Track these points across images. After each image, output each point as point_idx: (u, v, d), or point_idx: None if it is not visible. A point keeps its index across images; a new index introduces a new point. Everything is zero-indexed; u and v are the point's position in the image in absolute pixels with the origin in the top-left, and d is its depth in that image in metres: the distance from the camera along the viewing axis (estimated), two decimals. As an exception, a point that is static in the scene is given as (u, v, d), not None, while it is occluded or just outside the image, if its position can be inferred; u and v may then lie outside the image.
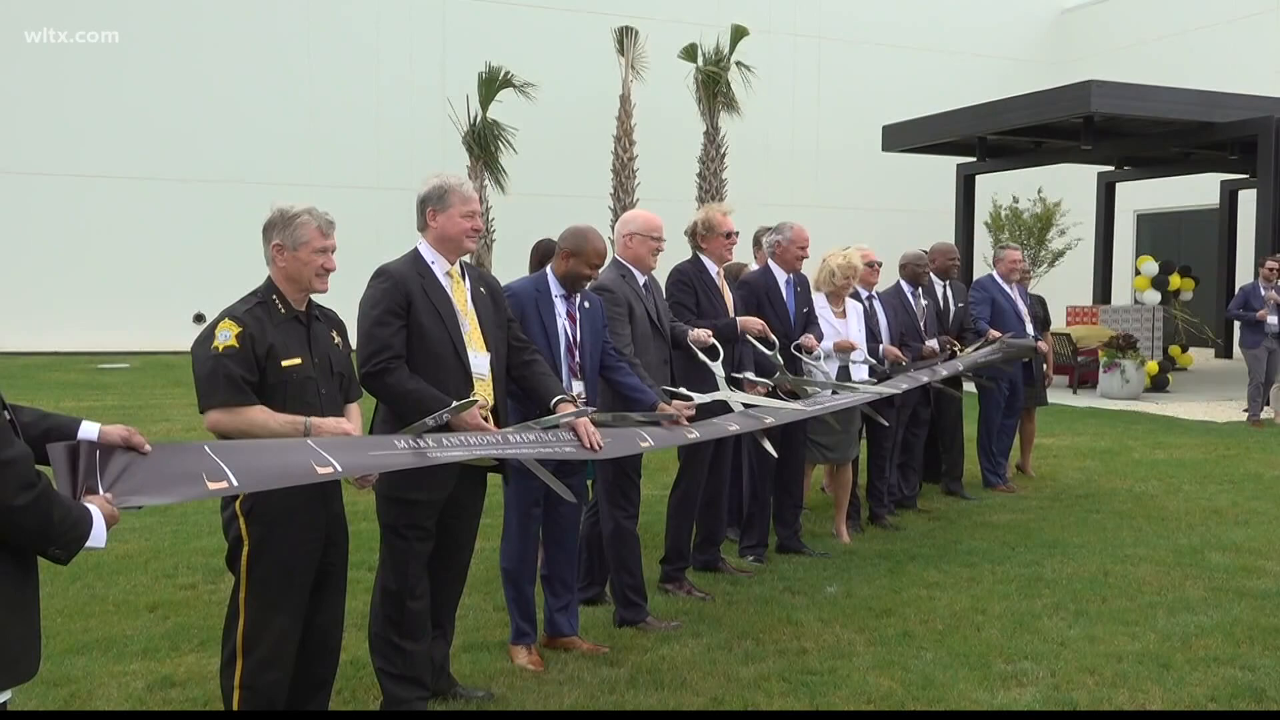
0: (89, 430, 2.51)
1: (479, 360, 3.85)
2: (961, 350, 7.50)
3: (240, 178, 21.32)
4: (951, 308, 7.77)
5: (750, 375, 5.38)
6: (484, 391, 3.84)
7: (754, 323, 5.56)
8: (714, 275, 5.61)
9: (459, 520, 3.94)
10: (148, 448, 2.62)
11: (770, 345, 5.48)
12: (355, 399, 3.59)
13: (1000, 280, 8.20)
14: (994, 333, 7.77)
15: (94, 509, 2.31)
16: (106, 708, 3.92)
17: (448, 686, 4.05)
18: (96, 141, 20.79)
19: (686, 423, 4.56)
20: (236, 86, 21.56)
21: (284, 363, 3.29)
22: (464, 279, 3.91)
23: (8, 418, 2.17)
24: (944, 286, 7.79)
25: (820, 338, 6.10)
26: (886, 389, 6.25)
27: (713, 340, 5.19)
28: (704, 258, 5.61)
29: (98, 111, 20.69)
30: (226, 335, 3.24)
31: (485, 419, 3.75)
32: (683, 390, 4.84)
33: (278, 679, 3.37)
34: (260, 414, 3.22)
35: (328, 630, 3.55)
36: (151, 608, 5.07)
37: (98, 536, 2.29)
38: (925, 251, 7.74)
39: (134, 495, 2.51)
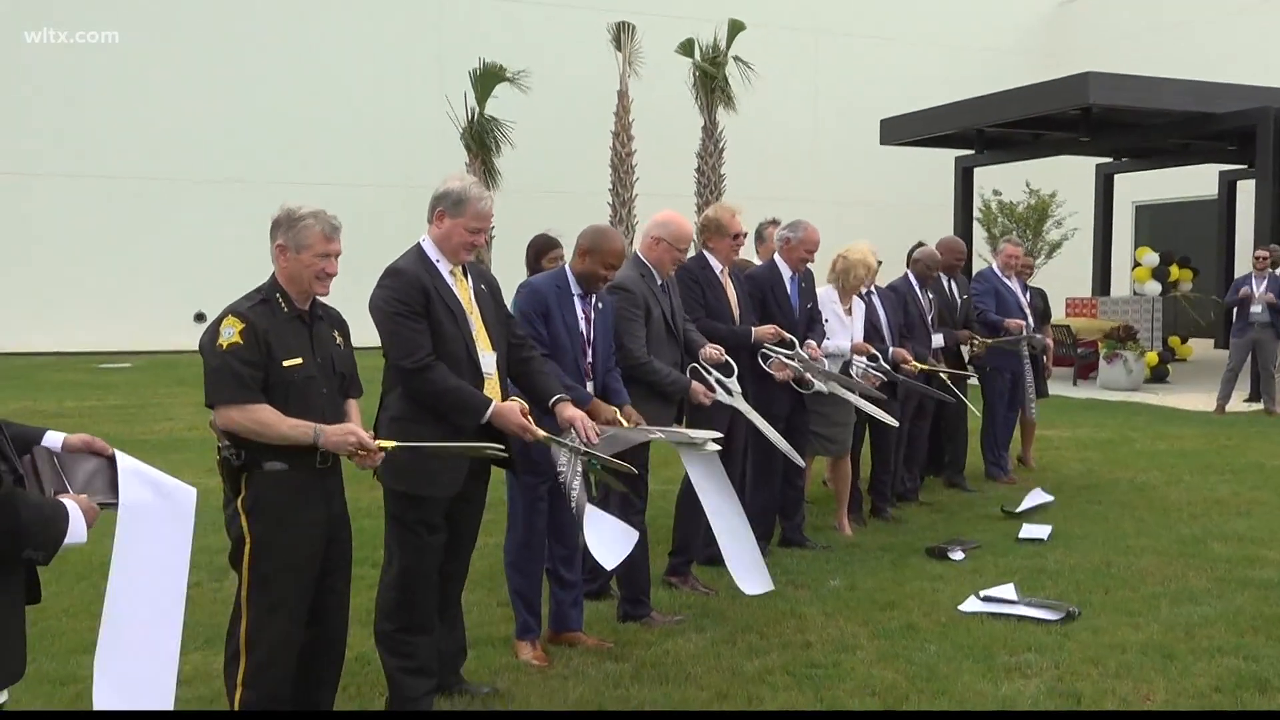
0: (53, 439, 2.49)
1: (486, 359, 3.86)
2: (975, 344, 7.60)
3: (240, 177, 21.32)
4: (957, 301, 7.81)
5: (779, 352, 5.54)
6: (492, 390, 3.86)
7: (767, 331, 5.60)
8: (718, 273, 5.62)
9: (464, 514, 3.95)
10: (110, 451, 2.60)
11: (789, 345, 5.56)
12: (356, 396, 3.60)
13: (999, 273, 8.25)
14: (1014, 322, 7.86)
15: (69, 504, 2.29)
16: (113, 706, 3.92)
17: (454, 682, 4.06)
18: (96, 141, 20.75)
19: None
20: (235, 86, 21.55)
21: (285, 363, 3.29)
22: (466, 277, 3.92)
23: None
24: (948, 281, 7.81)
25: (823, 336, 6.14)
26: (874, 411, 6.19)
27: (725, 357, 5.23)
28: (710, 256, 5.61)
29: (97, 111, 20.63)
30: (230, 332, 3.24)
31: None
32: (714, 376, 4.98)
33: (281, 676, 3.38)
34: (270, 413, 3.23)
35: (333, 628, 3.56)
36: (156, 606, 5.06)
37: (77, 532, 2.27)
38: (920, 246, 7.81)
39: (107, 492, 2.49)
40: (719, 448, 4.59)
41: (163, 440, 10.01)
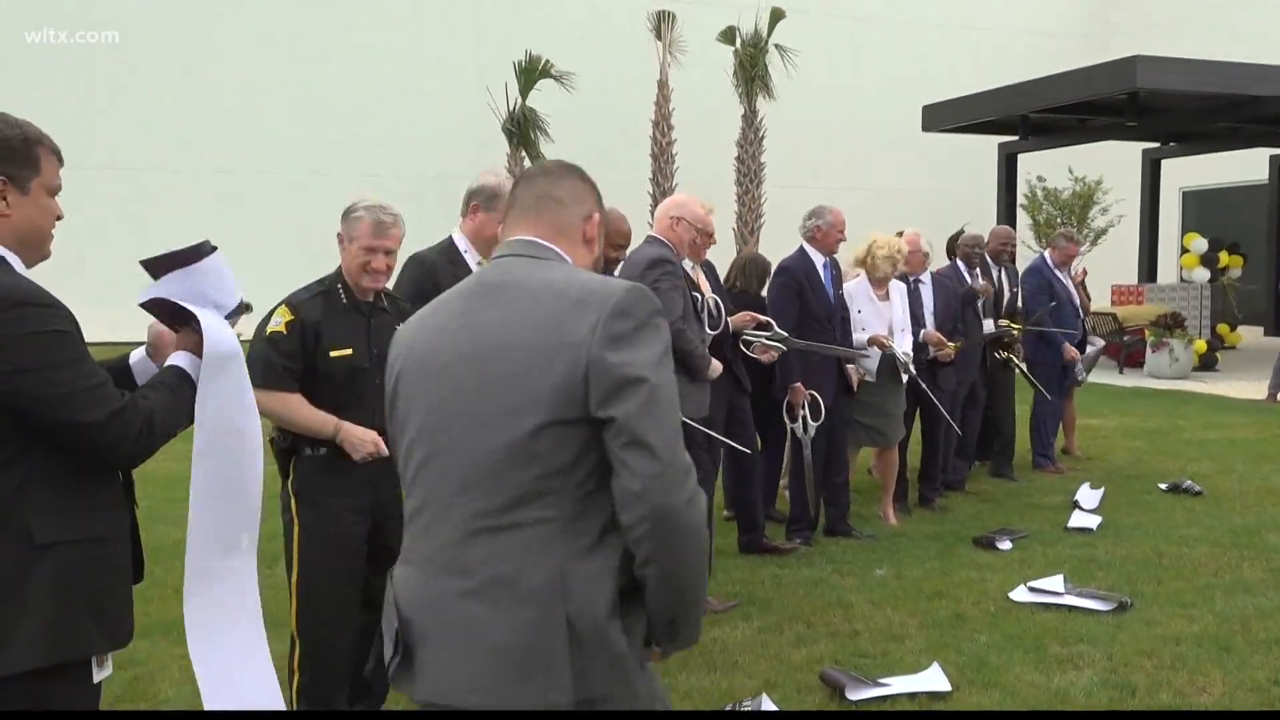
0: (137, 354, 2.49)
1: None
2: (1019, 332, 7.53)
3: (283, 168, 21.46)
4: (1006, 292, 7.74)
5: (759, 335, 5.51)
6: None
7: (744, 318, 5.54)
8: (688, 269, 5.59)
9: None
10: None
11: (766, 327, 5.55)
12: None
13: (1053, 266, 8.11)
14: (1072, 352, 7.92)
15: (181, 363, 2.29)
16: (169, 689, 4.00)
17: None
18: (98, 138, 20.70)
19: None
20: (274, 72, 21.59)
21: (332, 353, 3.34)
22: None
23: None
24: (998, 270, 7.73)
25: (848, 332, 6.19)
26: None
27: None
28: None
29: (98, 112, 20.59)
30: (278, 321, 3.34)
31: None
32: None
33: (335, 660, 3.41)
34: (295, 401, 3.31)
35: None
36: (208, 592, 5.14)
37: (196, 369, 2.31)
38: (965, 232, 7.74)
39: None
40: None
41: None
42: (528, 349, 1.82)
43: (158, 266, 2.33)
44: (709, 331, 5.10)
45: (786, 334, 5.63)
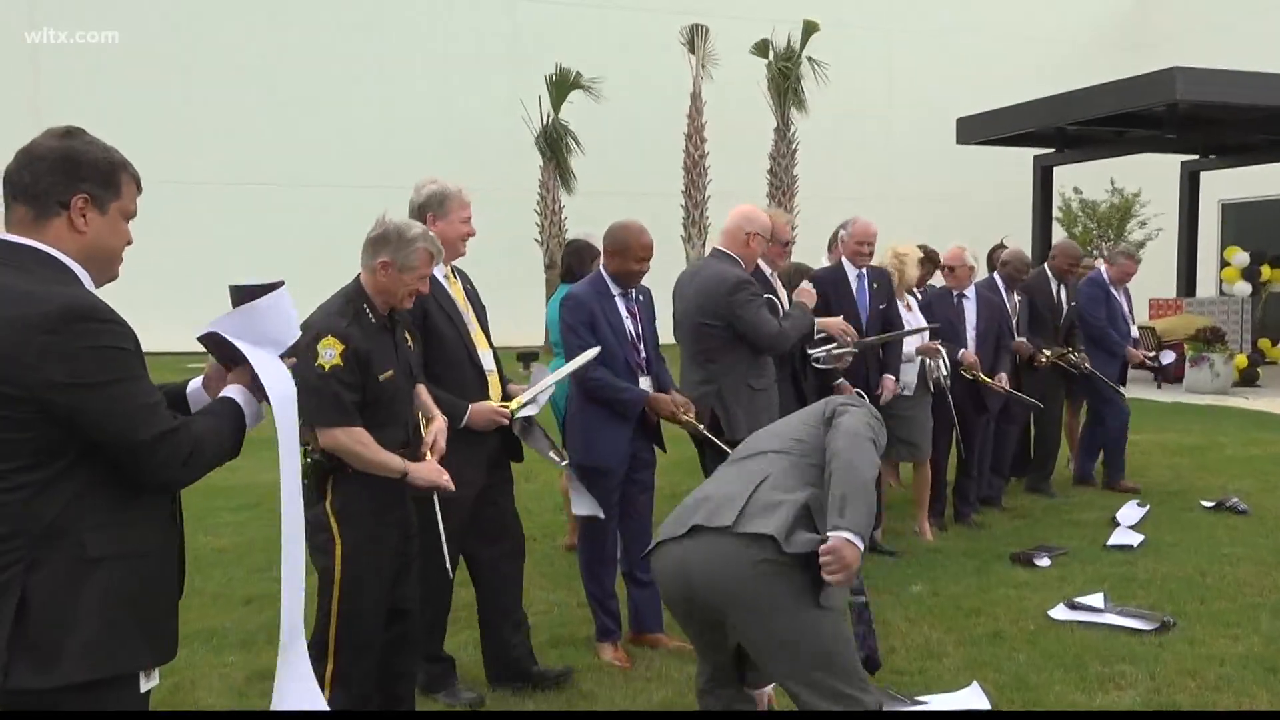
0: (195, 383, 2.48)
1: (485, 356, 3.98)
2: (1071, 353, 7.46)
3: (310, 181, 21.60)
4: (1063, 307, 7.68)
5: (829, 349, 5.50)
6: (494, 385, 3.99)
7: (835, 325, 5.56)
8: (768, 275, 5.58)
9: (496, 507, 4.07)
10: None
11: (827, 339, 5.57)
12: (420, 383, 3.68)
13: (1109, 281, 8.06)
14: (1136, 353, 7.97)
15: (234, 395, 2.28)
16: (209, 698, 4.02)
17: (533, 670, 4.12)
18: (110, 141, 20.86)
19: None
20: (297, 84, 21.65)
21: (380, 377, 3.32)
22: (456, 277, 4.04)
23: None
24: (1057, 285, 7.68)
25: (898, 353, 6.14)
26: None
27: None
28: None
29: (98, 111, 20.57)
30: (331, 354, 3.22)
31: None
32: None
33: (366, 674, 3.43)
34: (369, 439, 3.27)
35: (410, 624, 3.59)
36: (247, 601, 5.19)
37: (253, 416, 2.30)
38: (1002, 247, 7.70)
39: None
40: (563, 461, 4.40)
41: (250, 439, 10.22)
42: None
43: (241, 295, 2.32)
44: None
45: (851, 339, 5.61)
